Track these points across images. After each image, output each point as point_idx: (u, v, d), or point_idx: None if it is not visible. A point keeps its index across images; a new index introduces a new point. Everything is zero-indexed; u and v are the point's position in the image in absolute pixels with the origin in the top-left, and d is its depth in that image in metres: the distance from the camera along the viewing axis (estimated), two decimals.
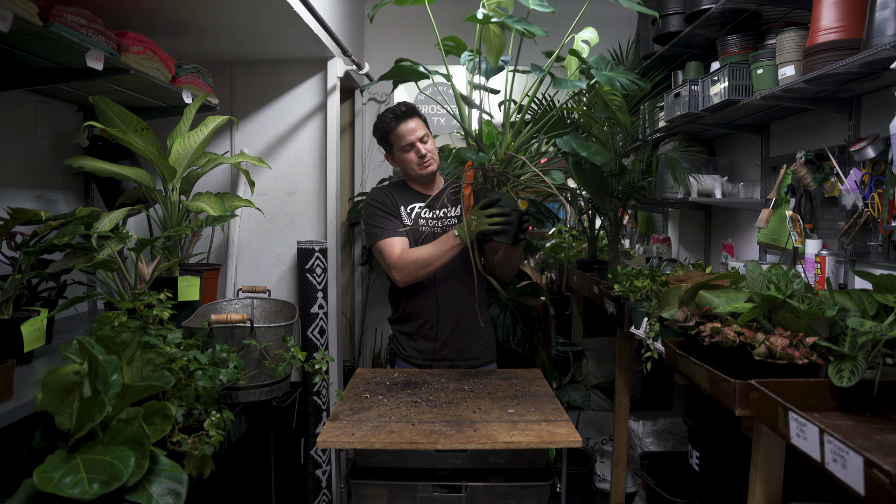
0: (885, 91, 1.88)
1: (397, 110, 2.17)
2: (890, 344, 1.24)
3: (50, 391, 1.13)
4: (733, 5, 2.20)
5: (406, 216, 2.21)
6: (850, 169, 1.96)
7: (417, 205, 2.23)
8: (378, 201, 2.21)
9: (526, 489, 1.64)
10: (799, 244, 2.19)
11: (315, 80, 2.94)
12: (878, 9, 1.57)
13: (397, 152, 2.20)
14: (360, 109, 3.73)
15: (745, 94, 2.21)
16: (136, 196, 2.35)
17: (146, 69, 2.00)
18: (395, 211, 2.20)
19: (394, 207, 2.20)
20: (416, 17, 3.68)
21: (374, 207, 2.21)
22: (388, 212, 2.19)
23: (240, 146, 2.97)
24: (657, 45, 2.89)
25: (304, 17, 2.29)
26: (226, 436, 1.60)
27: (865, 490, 0.94)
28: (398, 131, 2.15)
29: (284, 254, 2.97)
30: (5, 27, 1.36)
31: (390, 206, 2.20)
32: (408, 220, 2.20)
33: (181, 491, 1.14)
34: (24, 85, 1.88)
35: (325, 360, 1.80)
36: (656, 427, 2.91)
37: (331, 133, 2.93)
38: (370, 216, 2.21)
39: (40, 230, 1.71)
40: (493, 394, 1.89)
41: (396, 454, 1.64)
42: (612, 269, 2.44)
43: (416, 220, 2.20)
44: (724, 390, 1.38)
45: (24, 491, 1.07)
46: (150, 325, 1.58)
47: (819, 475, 1.12)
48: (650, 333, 2.00)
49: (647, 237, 3.85)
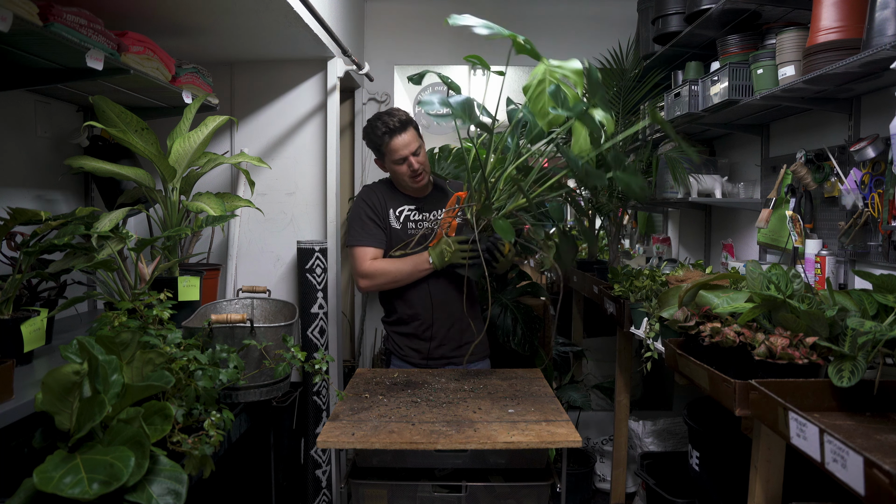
0: (885, 91, 1.88)
1: (390, 124, 2.12)
2: (890, 344, 1.24)
3: (50, 391, 1.13)
4: (733, 5, 2.20)
5: (395, 219, 2.22)
6: (850, 169, 1.96)
7: (406, 207, 2.25)
8: (366, 203, 2.23)
9: (526, 489, 1.64)
10: (799, 244, 2.19)
11: (315, 80, 2.94)
12: (878, 9, 1.57)
13: (389, 164, 2.19)
14: (360, 109, 3.73)
15: (745, 94, 2.21)
16: (136, 196, 2.35)
17: (146, 69, 2.00)
18: (383, 213, 2.22)
19: (381, 210, 2.22)
20: (416, 18, 3.68)
21: (360, 209, 2.23)
22: (372, 214, 2.21)
23: (240, 146, 2.97)
24: (657, 45, 2.89)
25: (304, 17, 2.29)
26: (226, 436, 1.59)
27: (865, 490, 0.94)
28: (391, 145, 2.13)
29: (284, 254, 2.98)
30: (5, 27, 1.36)
31: (377, 208, 2.21)
32: (396, 222, 2.22)
33: (181, 491, 1.14)
34: (24, 85, 1.88)
35: (325, 360, 1.80)
36: (656, 427, 2.91)
37: (331, 133, 2.93)
38: (354, 216, 2.24)
39: (40, 230, 1.71)
40: (493, 394, 1.89)
41: (396, 454, 1.64)
42: (612, 269, 2.44)
43: (405, 222, 2.22)
44: (724, 390, 1.38)
45: (24, 491, 1.07)
46: (150, 325, 1.58)
47: (819, 475, 1.12)
48: (650, 333, 2.00)
49: (647, 237, 3.85)
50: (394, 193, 2.27)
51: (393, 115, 2.15)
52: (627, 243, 4.23)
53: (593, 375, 3.64)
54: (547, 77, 1.79)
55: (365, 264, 2.17)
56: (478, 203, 1.93)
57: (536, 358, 2.82)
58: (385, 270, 2.15)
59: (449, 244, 2.03)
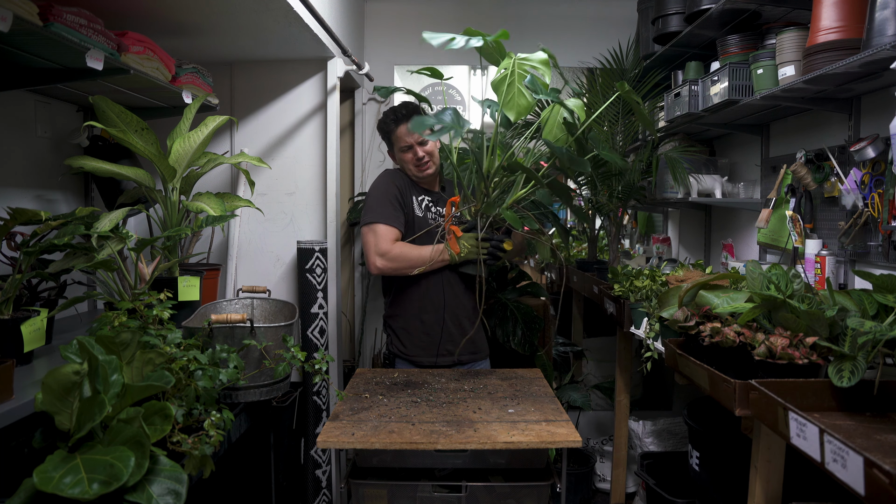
0: (885, 91, 1.88)
1: (399, 112, 2.20)
2: (890, 344, 1.24)
3: (50, 391, 1.13)
4: (733, 5, 2.20)
5: (417, 206, 2.23)
6: (850, 169, 1.96)
7: (426, 197, 2.27)
8: (393, 184, 2.21)
9: (526, 489, 1.64)
10: (799, 244, 2.19)
11: (315, 80, 2.95)
12: (878, 9, 1.57)
13: (397, 152, 2.25)
14: (360, 109, 3.73)
15: (745, 94, 2.21)
16: (136, 196, 2.35)
17: (146, 69, 2.00)
18: (408, 198, 2.22)
19: (406, 194, 2.22)
20: (415, 17, 3.68)
21: (387, 188, 2.20)
22: (399, 196, 2.20)
23: (240, 146, 2.97)
24: (657, 45, 2.89)
25: (304, 17, 2.29)
26: (226, 436, 1.59)
27: (865, 490, 0.94)
28: (398, 133, 2.19)
29: (284, 254, 2.98)
30: (5, 27, 1.36)
31: (403, 191, 2.22)
32: (419, 209, 2.23)
33: (181, 491, 1.14)
34: (24, 85, 1.88)
35: (325, 360, 1.80)
36: (656, 427, 2.91)
37: (331, 133, 2.93)
38: (378, 194, 2.19)
39: (40, 230, 1.71)
40: (493, 394, 1.89)
41: (396, 454, 1.64)
42: (612, 269, 2.44)
43: (426, 211, 2.24)
44: (724, 390, 1.38)
45: (24, 491, 1.07)
46: (150, 325, 1.58)
47: (819, 475, 1.12)
48: (650, 333, 2.00)
49: (647, 237, 3.85)
50: (412, 183, 2.29)
51: (404, 105, 2.22)
52: (627, 243, 4.23)
53: (593, 375, 3.63)
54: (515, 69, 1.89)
55: (386, 244, 2.11)
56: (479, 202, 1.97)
57: (536, 358, 2.82)
58: (406, 255, 2.11)
59: (467, 240, 2.06)
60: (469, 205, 2.03)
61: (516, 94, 1.89)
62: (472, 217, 2.02)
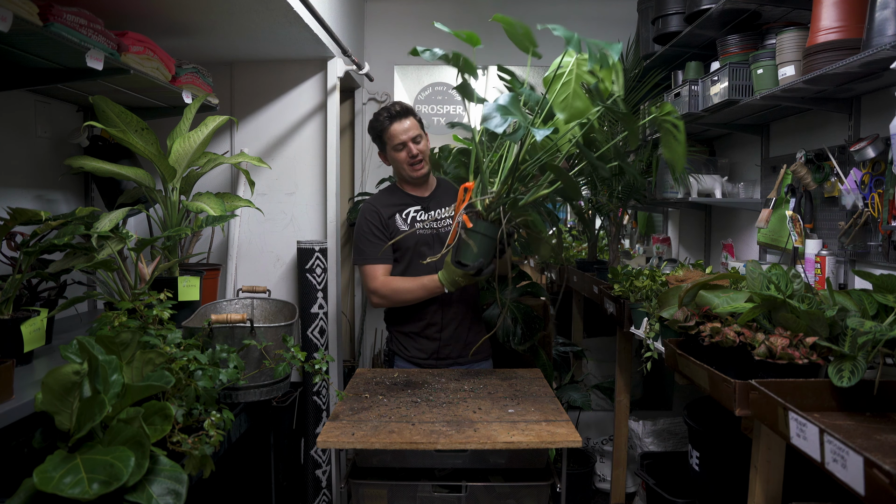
0: (885, 91, 1.88)
1: (392, 109, 2.18)
2: (890, 344, 1.24)
3: (50, 391, 1.13)
4: (733, 5, 2.20)
5: (402, 222, 2.22)
6: (850, 169, 1.96)
7: (412, 209, 2.24)
8: (368, 221, 2.23)
9: (526, 489, 1.64)
10: (799, 244, 2.19)
11: (315, 80, 2.95)
12: (878, 9, 1.57)
13: (390, 151, 2.22)
14: (360, 109, 3.73)
15: (745, 94, 2.21)
16: (136, 196, 2.35)
17: (146, 69, 2.00)
18: (389, 223, 2.21)
19: (386, 220, 2.21)
20: (416, 18, 3.68)
21: (365, 226, 2.23)
22: (377, 231, 2.20)
23: (240, 146, 2.97)
24: (657, 45, 2.89)
25: (304, 17, 2.29)
26: (226, 436, 1.59)
27: (865, 490, 0.94)
28: (391, 130, 2.16)
29: (284, 254, 2.97)
30: (5, 27, 1.36)
31: (382, 221, 2.21)
32: (404, 225, 2.21)
33: (181, 491, 1.14)
34: (24, 85, 1.88)
35: (325, 360, 1.80)
36: (656, 427, 2.91)
37: (331, 133, 2.93)
38: (360, 235, 2.24)
39: (40, 230, 1.71)
40: (493, 394, 1.89)
41: (396, 454, 1.64)
42: (612, 269, 2.44)
43: (412, 223, 2.22)
44: (724, 390, 1.38)
45: (24, 491, 1.07)
46: (150, 325, 1.58)
47: (819, 475, 1.12)
48: (650, 333, 2.00)
49: (647, 237, 3.85)
50: (397, 197, 2.26)
51: (396, 104, 2.22)
52: (627, 243, 4.23)
53: (593, 375, 3.63)
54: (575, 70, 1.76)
55: (377, 282, 2.17)
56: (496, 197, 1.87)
57: (536, 358, 2.82)
58: (397, 289, 2.16)
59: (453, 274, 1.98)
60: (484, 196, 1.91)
61: (572, 95, 1.74)
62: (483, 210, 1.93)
